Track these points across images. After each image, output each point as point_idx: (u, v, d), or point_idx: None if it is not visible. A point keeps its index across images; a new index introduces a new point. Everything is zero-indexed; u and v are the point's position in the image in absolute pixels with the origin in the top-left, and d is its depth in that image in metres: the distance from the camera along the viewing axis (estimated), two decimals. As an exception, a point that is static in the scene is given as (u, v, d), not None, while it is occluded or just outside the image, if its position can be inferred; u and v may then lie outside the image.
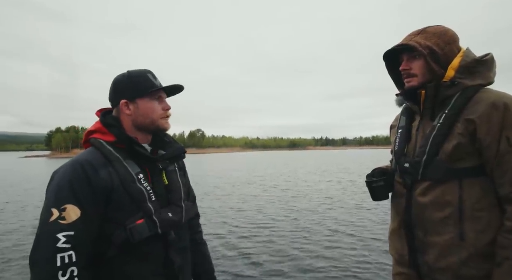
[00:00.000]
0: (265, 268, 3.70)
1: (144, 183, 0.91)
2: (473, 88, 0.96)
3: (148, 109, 0.98)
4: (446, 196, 0.95)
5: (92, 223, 0.84)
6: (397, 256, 1.11)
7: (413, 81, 1.04)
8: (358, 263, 3.83)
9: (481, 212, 0.91)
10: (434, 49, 0.99)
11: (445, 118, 0.97)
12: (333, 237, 4.93)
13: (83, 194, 0.83)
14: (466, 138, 0.93)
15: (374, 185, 1.14)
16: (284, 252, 4.24)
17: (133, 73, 0.99)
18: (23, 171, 23.63)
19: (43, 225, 0.81)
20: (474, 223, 0.91)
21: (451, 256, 0.93)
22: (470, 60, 0.98)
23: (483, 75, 0.98)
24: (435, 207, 0.96)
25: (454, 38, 1.02)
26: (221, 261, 3.96)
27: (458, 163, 0.94)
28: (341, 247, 4.40)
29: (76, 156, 0.91)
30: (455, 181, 0.94)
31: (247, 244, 4.64)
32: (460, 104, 0.96)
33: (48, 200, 0.83)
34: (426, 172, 0.99)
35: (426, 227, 0.98)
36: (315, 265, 3.74)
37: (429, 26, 1.04)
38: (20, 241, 5.03)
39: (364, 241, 4.66)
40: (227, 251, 4.36)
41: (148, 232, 0.88)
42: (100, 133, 0.96)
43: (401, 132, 1.13)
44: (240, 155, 70.21)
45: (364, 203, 7.46)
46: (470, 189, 0.93)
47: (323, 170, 19.35)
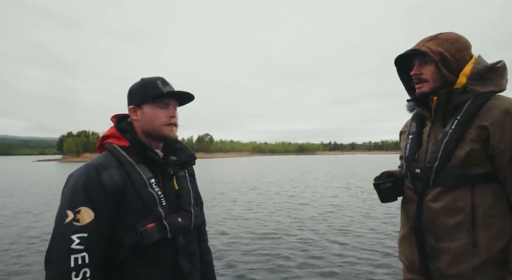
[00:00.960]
0: (268, 275, 3.67)
1: (156, 188, 0.93)
2: (485, 95, 0.97)
3: (152, 116, 0.98)
4: (459, 202, 0.94)
5: (105, 225, 0.86)
6: (407, 263, 1.10)
7: (424, 86, 1.04)
8: (368, 269, 3.77)
9: (493, 219, 0.91)
10: (445, 55, 1.00)
11: (458, 124, 0.97)
12: (341, 242, 4.87)
13: (97, 197, 0.86)
14: (479, 145, 0.93)
15: (382, 187, 1.15)
16: (289, 258, 4.19)
17: (145, 80, 1.02)
18: (38, 175, 24.19)
19: (58, 226, 0.83)
20: (486, 230, 0.91)
21: (463, 263, 0.93)
22: (482, 67, 0.98)
23: (495, 82, 0.99)
24: (447, 213, 0.96)
25: (466, 45, 1.03)
26: (222, 266, 3.94)
27: (471, 169, 0.95)
28: (349, 254, 4.33)
29: (91, 160, 0.94)
30: (468, 188, 0.94)
31: (251, 252, 4.61)
32: (472, 110, 0.96)
33: (63, 202, 0.86)
34: (438, 178, 0.99)
35: (438, 234, 0.98)
36: (324, 271, 3.69)
37: (442, 33, 1.05)
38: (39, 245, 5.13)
39: (373, 247, 4.60)
40: (229, 258, 4.34)
41: (158, 236, 0.90)
42: (114, 138, 0.98)
43: (412, 138, 1.12)
44: (248, 160, 70.14)
45: (372, 210, 7.32)
46: (483, 195, 0.93)
47: (332, 175, 19.13)
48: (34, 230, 6.04)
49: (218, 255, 4.34)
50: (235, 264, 3.99)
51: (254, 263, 4.04)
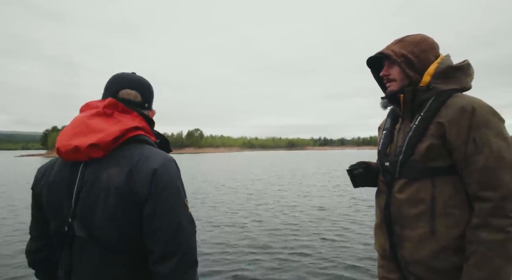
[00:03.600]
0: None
1: None
2: (447, 92, 1.04)
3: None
4: (420, 194, 1.02)
5: None
6: (381, 251, 1.19)
7: (392, 85, 1.14)
8: (347, 256, 3.90)
9: (452, 209, 0.98)
10: (408, 57, 1.09)
11: (420, 120, 1.05)
12: (322, 235, 4.84)
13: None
14: (438, 140, 1.00)
15: (355, 172, 1.26)
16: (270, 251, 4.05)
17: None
18: (21, 170, 23.24)
19: (186, 215, 0.89)
20: (445, 219, 0.98)
21: (423, 250, 1.00)
22: (445, 67, 1.07)
23: (458, 80, 1.07)
24: (410, 203, 1.04)
25: (432, 46, 1.11)
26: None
27: (431, 162, 1.02)
28: (328, 243, 4.34)
29: (164, 154, 0.93)
30: (428, 180, 1.02)
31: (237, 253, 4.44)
32: (434, 107, 1.03)
33: (179, 195, 0.89)
34: (402, 171, 1.07)
35: (402, 223, 1.06)
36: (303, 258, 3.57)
37: (408, 35, 1.14)
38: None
39: (352, 234, 4.73)
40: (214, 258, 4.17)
41: None
42: (145, 131, 0.95)
43: (385, 134, 1.22)
44: (238, 155, 69.96)
45: (356, 204, 7.28)
46: (443, 187, 1.00)
47: (323, 172, 19.15)
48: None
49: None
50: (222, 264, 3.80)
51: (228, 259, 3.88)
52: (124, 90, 0.98)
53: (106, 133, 0.86)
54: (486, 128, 0.95)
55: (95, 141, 0.85)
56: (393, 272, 1.14)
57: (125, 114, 0.94)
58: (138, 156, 0.87)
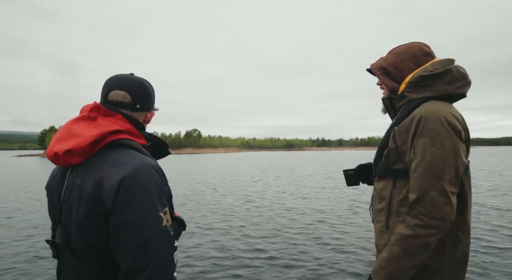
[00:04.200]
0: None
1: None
2: (417, 101, 1.10)
3: (150, 120, 1.08)
4: (383, 192, 1.15)
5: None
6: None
7: (384, 93, 1.26)
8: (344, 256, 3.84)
9: (402, 208, 1.08)
10: (387, 69, 1.20)
11: (390, 126, 1.17)
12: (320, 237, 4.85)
13: (166, 198, 0.88)
14: (394, 145, 1.10)
15: (347, 173, 1.46)
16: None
17: (151, 84, 1.06)
18: (18, 170, 23.17)
19: (159, 230, 0.81)
20: (396, 216, 1.10)
21: (381, 240, 1.15)
22: (417, 76, 1.11)
23: (434, 88, 1.09)
24: (376, 199, 1.19)
25: (414, 55, 1.16)
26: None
27: (394, 165, 1.12)
28: (327, 245, 4.31)
29: (143, 159, 0.86)
30: (391, 180, 1.13)
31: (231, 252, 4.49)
32: (403, 114, 1.11)
33: (152, 206, 0.81)
34: (375, 170, 1.21)
35: (374, 215, 1.22)
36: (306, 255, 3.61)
37: (399, 46, 1.22)
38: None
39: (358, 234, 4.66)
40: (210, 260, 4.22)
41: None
42: (129, 134, 0.92)
43: (383, 137, 1.32)
44: (236, 156, 69.93)
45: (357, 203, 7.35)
46: (400, 188, 1.10)
47: (320, 173, 19.23)
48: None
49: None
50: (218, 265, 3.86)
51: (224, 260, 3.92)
52: (114, 91, 0.95)
53: (83, 138, 0.83)
54: (425, 137, 1.00)
55: (70, 147, 0.83)
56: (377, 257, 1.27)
57: (107, 117, 0.91)
58: (114, 161, 0.83)
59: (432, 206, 0.97)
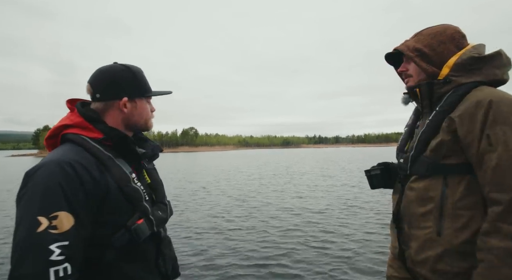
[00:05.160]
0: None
1: (138, 183, 0.89)
2: (467, 85, 0.96)
3: (144, 110, 0.98)
4: (430, 192, 0.97)
5: (86, 230, 0.78)
6: (392, 249, 1.17)
7: (410, 81, 1.10)
8: (360, 254, 3.77)
9: (462, 211, 0.92)
10: (423, 51, 1.03)
11: (435, 115, 0.99)
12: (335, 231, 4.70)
13: (77, 200, 0.75)
14: (449, 136, 0.94)
15: (372, 173, 1.22)
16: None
17: (134, 70, 0.96)
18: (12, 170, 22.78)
19: (28, 236, 0.70)
20: (453, 220, 0.93)
21: (429, 250, 0.96)
22: (466, 58, 0.98)
23: (484, 72, 0.97)
24: (418, 201, 1.00)
25: (453, 37, 1.03)
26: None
27: (444, 159, 0.96)
28: (342, 241, 4.19)
29: (58, 155, 0.80)
30: (440, 178, 0.96)
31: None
32: (451, 101, 0.96)
33: (30, 208, 0.72)
34: (413, 168, 1.03)
35: (411, 221, 1.02)
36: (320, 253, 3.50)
37: (428, 27, 1.08)
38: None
39: (367, 233, 4.60)
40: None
41: (148, 231, 0.87)
42: (80, 128, 0.87)
43: (406, 130, 1.18)
44: (233, 154, 69.75)
45: (366, 203, 7.31)
46: (455, 186, 0.94)
47: (320, 168, 19.23)
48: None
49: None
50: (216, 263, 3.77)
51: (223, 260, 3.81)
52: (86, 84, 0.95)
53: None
54: (504, 124, 0.86)
55: (44, 143, 0.88)
56: (401, 271, 1.11)
57: (70, 112, 0.92)
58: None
59: None
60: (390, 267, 1.18)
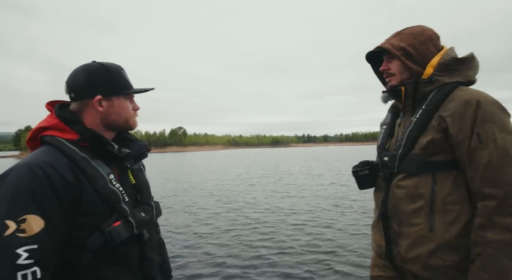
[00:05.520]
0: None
1: (116, 184, 0.88)
2: (450, 85, 1.00)
3: (123, 108, 0.94)
4: (419, 189, 0.98)
5: (59, 232, 0.76)
6: (376, 248, 1.15)
7: (392, 80, 1.10)
8: (341, 255, 3.79)
9: (451, 205, 0.94)
10: (408, 50, 1.05)
11: (422, 113, 1.01)
12: (314, 231, 4.68)
13: (46, 202, 0.75)
14: (440, 134, 0.96)
15: (360, 174, 1.18)
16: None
17: (109, 67, 0.93)
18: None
19: None
20: (444, 215, 0.95)
21: (420, 247, 0.97)
22: (449, 58, 1.02)
23: (462, 73, 1.02)
24: (408, 199, 1.00)
25: (431, 38, 1.07)
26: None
27: (433, 156, 0.98)
28: (323, 242, 4.18)
29: (31, 158, 0.80)
30: (429, 174, 0.98)
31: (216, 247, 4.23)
32: (437, 100, 0.99)
33: (0, 211, 0.71)
34: (401, 165, 1.03)
35: (400, 219, 1.02)
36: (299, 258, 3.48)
37: (408, 27, 1.11)
38: None
39: (347, 234, 4.61)
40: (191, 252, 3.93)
41: (126, 233, 0.85)
42: (57, 130, 0.87)
43: (385, 128, 1.19)
44: (222, 153, 69.36)
45: (346, 200, 7.26)
46: (443, 182, 0.96)
47: (309, 168, 19.24)
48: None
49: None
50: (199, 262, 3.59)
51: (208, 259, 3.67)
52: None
53: None
54: (492, 123, 0.90)
55: (27, 145, 0.89)
56: (387, 269, 1.11)
57: (50, 113, 0.91)
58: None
59: None
60: (375, 267, 1.18)
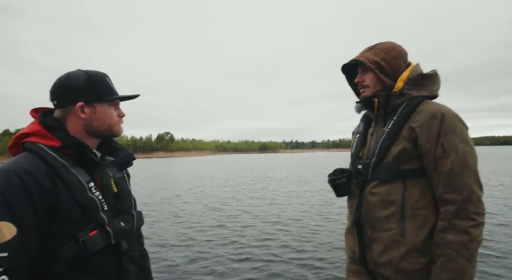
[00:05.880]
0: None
1: (95, 192, 0.86)
2: (418, 98, 1.09)
3: (106, 115, 0.94)
4: (391, 196, 1.04)
5: (31, 240, 0.75)
6: (350, 253, 1.19)
7: (366, 91, 1.17)
8: (317, 263, 3.73)
9: (420, 211, 1.01)
10: (381, 64, 1.12)
11: (393, 124, 1.08)
12: (291, 238, 4.57)
13: (20, 209, 0.74)
14: (410, 143, 1.03)
15: (338, 182, 1.21)
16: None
17: (92, 74, 0.93)
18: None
19: None
20: (413, 220, 1.01)
21: (393, 251, 1.02)
22: (417, 74, 1.11)
23: (428, 88, 1.12)
24: (381, 205, 1.06)
25: (401, 54, 1.16)
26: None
27: (403, 165, 1.04)
28: (299, 248, 4.13)
29: (7, 164, 0.79)
30: (400, 182, 1.04)
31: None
32: (406, 112, 1.07)
33: None
34: (375, 173, 1.09)
35: (374, 224, 1.07)
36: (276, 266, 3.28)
37: (379, 43, 1.18)
38: None
39: (323, 241, 4.56)
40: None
41: (102, 243, 0.83)
42: (39, 136, 0.86)
43: (358, 137, 1.25)
44: (210, 159, 68.57)
45: (323, 206, 7.17)
46: (412, 188, 1.03)
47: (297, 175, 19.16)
48: None
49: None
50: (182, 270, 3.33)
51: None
52: None
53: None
54: (454, 134, 0.99)
55: (8, 151, 0.91)
56: (362, 274, 1.15)
57: (33, 120, 0.92)
58: None
59: (479, 202, 0.95)
60: (350, 272, 1.21)
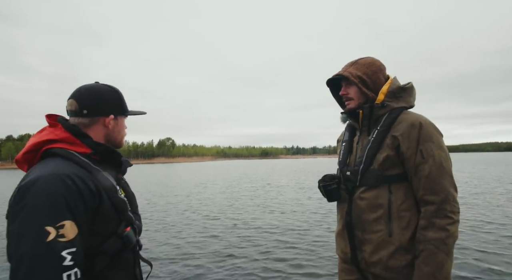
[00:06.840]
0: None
1: (121, 194, 0.98)
2: (398, 109, 1.20)
3: (122, 128, 1.06)
4: (379, 199, 1.14)
5: (84, 239, 0.83)
6: (342, 255, 1.29)
7: (351, 103, 1.27)
8: (309, 261, 3.92)
9: (404, 212, 1.12)
10: (363, 78, 1.22)
11: (377, 133, 1.18)
12: (284, 239, 4.66)
13: (77, 209, 0.80)
14: (393, 151, 1.14)
15: (329, 188, 1.29)
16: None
17: (118, 90, 1.05)
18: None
19: (38, 246, 0.73)
20: (399, 221, 1.11)
21: (382, 250, 1.12)
22: (395, 87, 1.22)
23: (405, 99, 1.23)
24: (370, 209, 1.16)
25: (380, 68, 1.26)
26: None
27: (388, 171, 1.15)
28: (292, 250, 4.25)
29: (52, 169, 0.82)
30: (386, 186, 1.14)
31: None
32: (388, 122, 1.18)
33: (36, 219, 0.74)
34: (363, 179, 1.18)
35: (364, 227, 1.17)
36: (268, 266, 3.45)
37: (361, 58, 1.28)
38: None
39: (313, 243, 4.75)
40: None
41: (134, 238, 0.96)
42: (67, 143, 0.91)
43: (345, 145, 1.34)
44: (211, 165, 68.47)
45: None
46: (397, 192, 1.13)
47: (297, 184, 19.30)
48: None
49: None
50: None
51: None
52: (68, 101, 0.98)
53: (24, 148, 0.91)
54: (431, 142, 1.11)
55: (16, 157, 0.91)
56: (353, 274, 1.24)
57: (52, 127, 0.94)
58: (30, 171, 0.85)
59: (455, 202, 1.08)
60: (342, 272, 1.30)
